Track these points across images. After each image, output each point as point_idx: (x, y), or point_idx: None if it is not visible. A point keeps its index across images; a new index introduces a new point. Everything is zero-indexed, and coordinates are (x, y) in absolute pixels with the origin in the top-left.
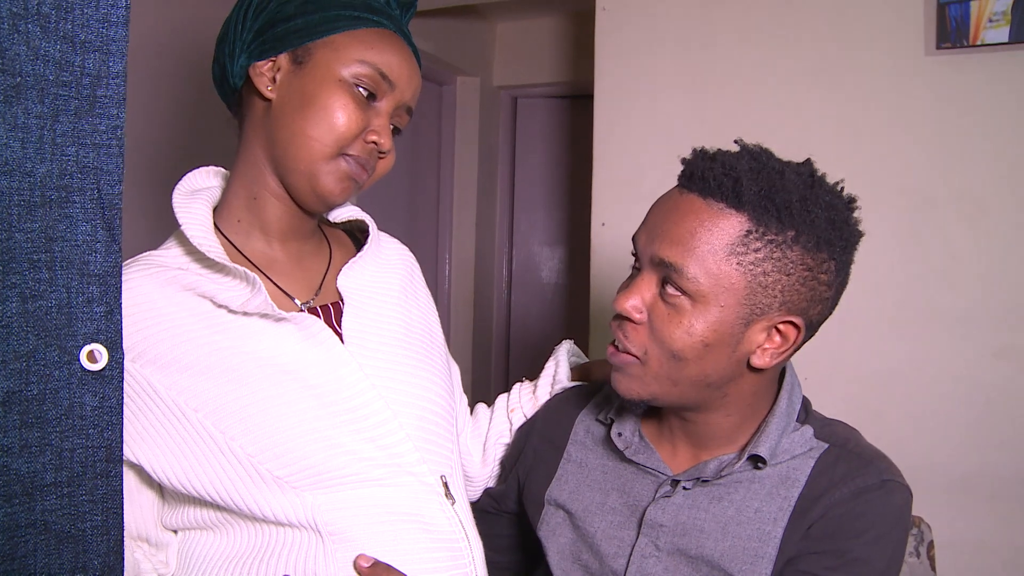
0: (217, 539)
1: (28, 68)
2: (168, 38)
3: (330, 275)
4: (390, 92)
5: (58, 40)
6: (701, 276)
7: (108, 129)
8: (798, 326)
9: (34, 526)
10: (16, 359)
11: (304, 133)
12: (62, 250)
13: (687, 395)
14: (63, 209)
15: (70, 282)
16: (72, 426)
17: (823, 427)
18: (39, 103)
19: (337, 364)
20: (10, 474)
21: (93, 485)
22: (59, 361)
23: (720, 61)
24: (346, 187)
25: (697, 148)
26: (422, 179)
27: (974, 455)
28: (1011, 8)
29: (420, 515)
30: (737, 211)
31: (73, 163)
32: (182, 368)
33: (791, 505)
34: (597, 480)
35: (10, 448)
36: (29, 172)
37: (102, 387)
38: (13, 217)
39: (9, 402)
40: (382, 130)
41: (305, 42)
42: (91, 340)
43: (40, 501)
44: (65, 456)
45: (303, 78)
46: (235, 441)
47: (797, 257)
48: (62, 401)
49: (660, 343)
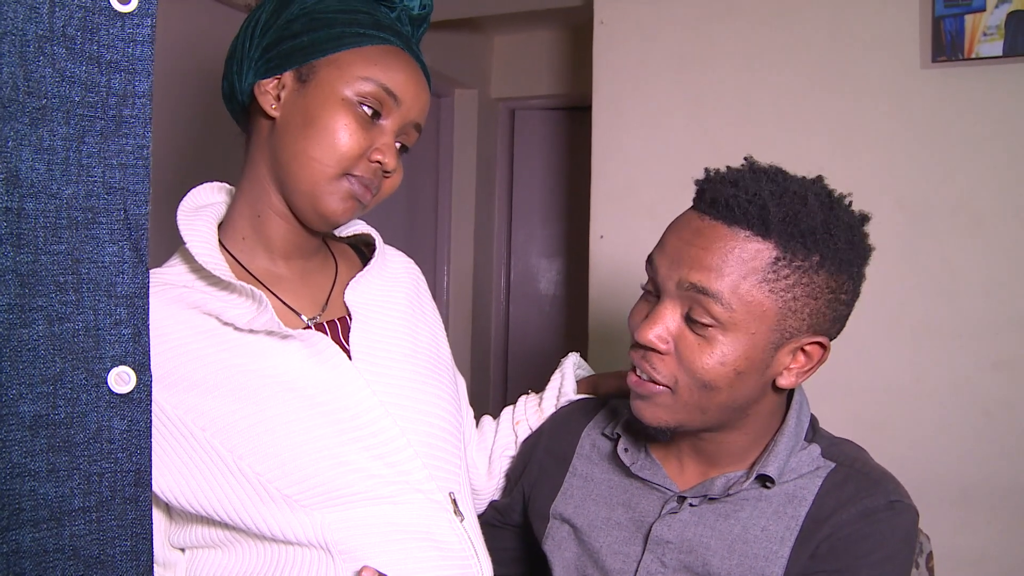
0: (225, 557)
1: (54, 90)
2: (188, 55)
3: (336, 290)
4: (396, 110)
5: (84, 61)
6: (735, 303)
7: (134, 149)
8: (824, 345)
9: (62, 551)
10: (43, 382)
11: (306, 153)
12: (88, 272)
13: (713, 420)
14: (89, 230)
15: (97, 304)
16: (100, 450)
17: (830, 446)
18: (65, 124)
19: (344, 381)
20: (38, 499)
21: (122, 510)
22: (87, 384)
23: (718, 74)
24: (349, 207)
25: (710, 170)
26: (420, 191)
27: (973, 466)
28: (1005, 22)
29: (430, 532)
30: (764, 239)
31: (99, 184)
32: (189, 387)
33: (798, 525)
34: (603, 495)
35: (38, 472)
36: (55, 194)
37: (130, 410)
38: (39, 239)
39: (37, 426)
40: (387, 149)
41: (310, 60)
42: (119, 363)
43: (68, 526)
44: (94, 481)
45: (307, 97)
46: (243, 460)
47: (823, 281)
48: (90, 425)
49: (691, 373)
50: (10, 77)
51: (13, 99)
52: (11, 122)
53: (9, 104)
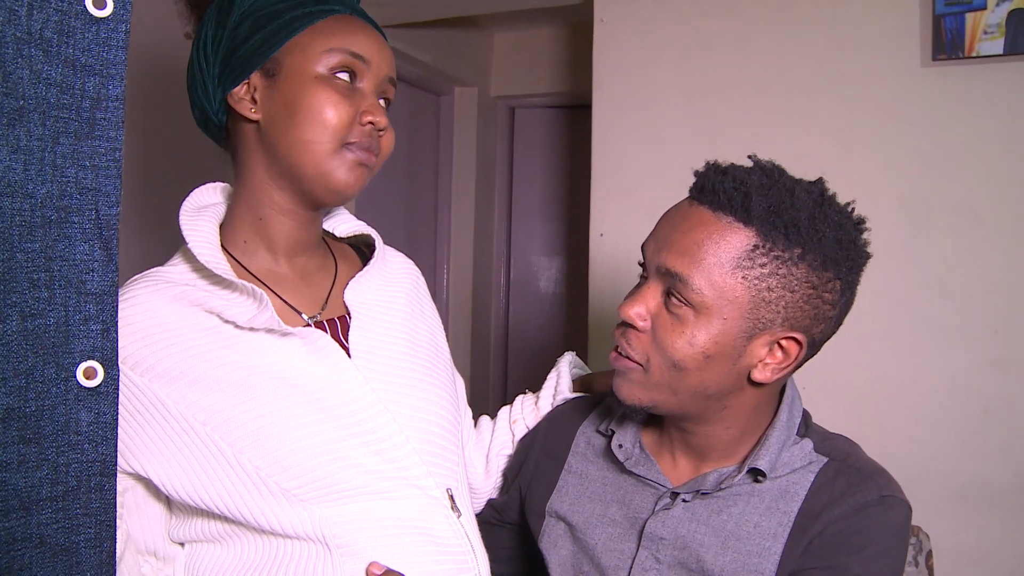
0: (224, 551)
1: (31, 91)
2: (161, 58)
3: (336, 289)
4: (368, 70)
5: (59, 64)
6: (706, 288)
7: (107, 151)
8: (800, 342)
9: (30, 540)
10: (15, 376)
11: (301, 139)
12: (61, 269)
13: (686, 405)
14: (62, 229)
15: (68, 301)
16: (68, 441)
17: (823, 441)
18: (41, 125)
19: (344, 378)
20: (8, 489)
21: (87, 499)
22: (56, 378)
23: (717, 72)
24: (360, 174)
25: (710, 161)
26: (420, 189)
27: (972, 464)
28: (1006, 20)
29: (427, 528)
30: (745, 226)
31: (72, 184)
32: (190, 382)
33: (791, 520)
34: (597, 492)
35: (8, 463)
36: (30, 193)
37: (97, 403)
38: (14, 237)
39: (8, 418)
40: (373, 109)
41: (270, 54)
42: (88, 357)
43: (36, 515)
44: (61, 471)
45: (281, 88)
46: (243, 454)
47: (802, 275)
48: (59, 417)
49: (662, 352)
50: None
51: None
52: None
53: None
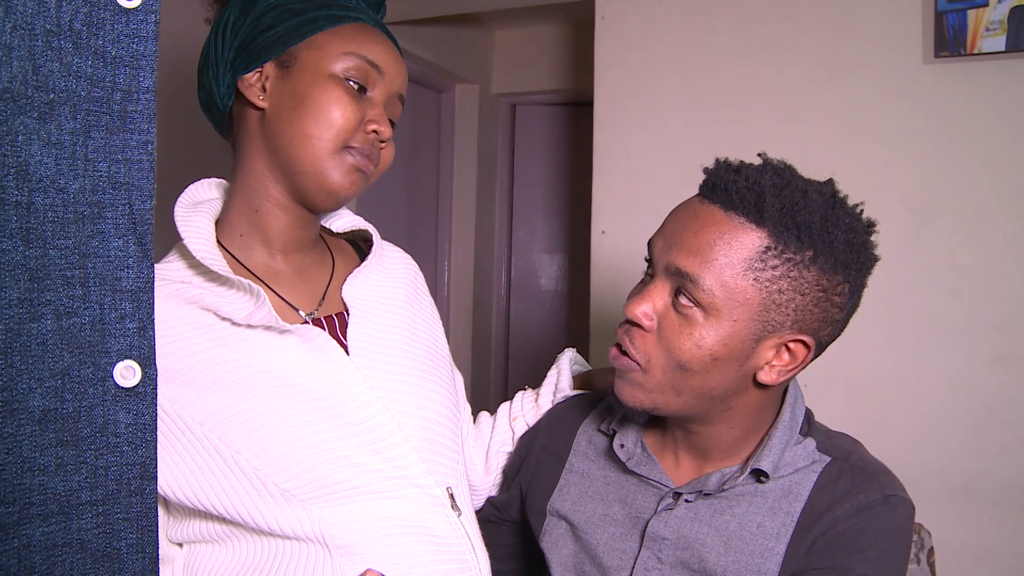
0: (223, 552)
1: (61, 84)
2: (191, 50)
3: (334, 286)
4: (380, 81)
5: (90, 56)
6: (716, 289)
7: (139, 144)
8: (808, 345)
9: (70, 545)
10: (52, 377)
11: (303, 133)
12: (95, 266)
13: (689, 406)
14: (95, 225)
15: (103, 298)
16: (107, 444)
17: (826, 440)
18: (72, 119)
19: (342, 376)
20: (47, 493)
21: (128, 503)
22: (93, 378)
23: (719, 69)
24: (355, 179)
25: (720, 159)
26: (421, 186)
27: (974, 462)
28: (1008, 17)
29: (427, 527)
30: (757, 227)
31: (105, 179)
32: (186, 382)
33: (794, 521)
34: (599, 491)
35: (46, 467)
36: (62, 188)
37: (136, 404)
38: (47, 234)
39: (45, 420)
40: (380, 119)
41: (288, 46)
42: (124, 356)
43: (76, 520)
44: (100, 474)
45: (293, 80)
46: (241, 454)
47: (813, 277)
48: (96, 419)
49: (667, 352)
50: (20, 71)
51: (22, 93)
52: (21, 116)
53: (19, 98)
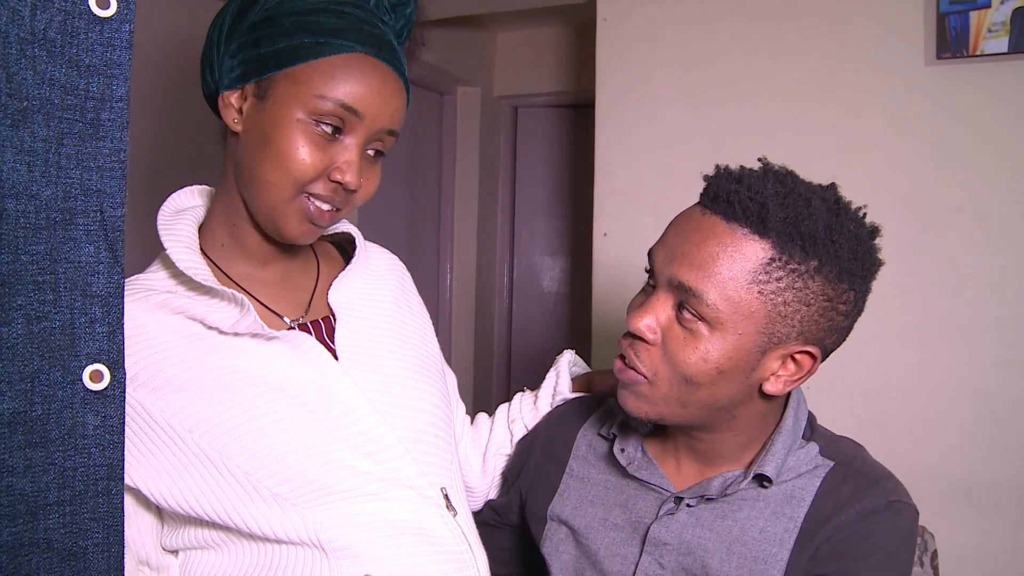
0: (219, 558)
1: (34, 92)
2: (167, 56)
3: (319, 290)
4: (359, 123)
5: (63, 64)
6: (720, 303)
7: (111, 152)
8: (814, 355)
9: (37, 545)
10: (21, 379)
11: (262, 176)
12: (66, 272)
13: (695, 416)
14: (67, 231)
15: (73, 303)
16: (75, 445)
17: (829, 444)
18: (45, 127)
19: (330, 380)
20: (15, 494)
21: (95, 503)
22: (62, 381)
23: (721, 71)
24: (306, 231)
25: (721, 166)
26: (423, 189)
27: (977, 464)
28: (1010, 18)
29: (422, 528)
30: (761, 238)
31: (77, 185)
32: (175, 390)
33: (797, 526)
34: (600, 496)
35: (15, 468)
36: (35, 195)
37: (104, 406)
38: (19, 239)
39: (14, 422)
40: (348, 167)
41: (268, 73)
42: (93, 360)
43: (43, 520)
44: (68, 475)
45: (264, 114)
46: (231, 460)
47: (818, 288)
48: (65, 421)
49: (673, 366)
50: None
51: None
52: None
53: None
